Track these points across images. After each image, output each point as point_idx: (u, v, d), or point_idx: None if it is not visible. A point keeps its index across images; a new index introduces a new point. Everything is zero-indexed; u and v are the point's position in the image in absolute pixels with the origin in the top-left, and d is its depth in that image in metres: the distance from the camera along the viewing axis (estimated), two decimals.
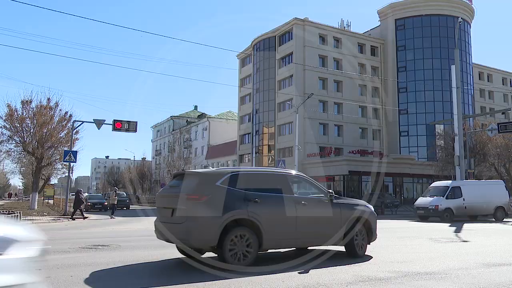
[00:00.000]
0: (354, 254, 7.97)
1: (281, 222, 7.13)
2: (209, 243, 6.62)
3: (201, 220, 6.47)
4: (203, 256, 7.58)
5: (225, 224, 6.55)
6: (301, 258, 7.96)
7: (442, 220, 21.58)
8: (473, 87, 52.26)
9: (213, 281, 5.86)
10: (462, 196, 22.27)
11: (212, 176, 7.00)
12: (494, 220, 22.22)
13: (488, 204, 22.56)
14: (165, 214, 7.17)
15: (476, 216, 22.82)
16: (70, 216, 21.25)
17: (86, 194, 42.27)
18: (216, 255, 7.01)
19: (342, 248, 8.52)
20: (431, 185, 25.17)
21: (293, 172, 8.28)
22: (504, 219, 22.60)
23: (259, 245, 6.84)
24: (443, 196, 22.27)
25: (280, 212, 7.12)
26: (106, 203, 32.79)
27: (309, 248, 8.52)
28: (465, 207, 22.18)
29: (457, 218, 22.59)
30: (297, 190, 8.12)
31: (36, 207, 28.12)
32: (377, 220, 8.94)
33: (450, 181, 24.64)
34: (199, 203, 6.55)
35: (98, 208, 32.91)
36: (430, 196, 23.15)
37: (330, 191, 7.97)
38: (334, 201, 7.84)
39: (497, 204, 22.65)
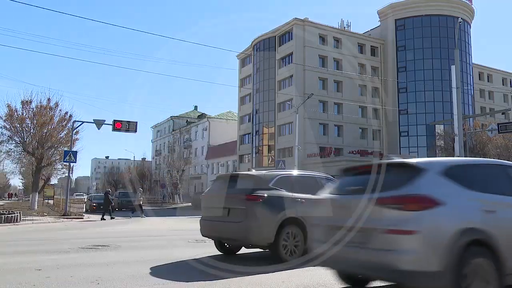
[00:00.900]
0: None
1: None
2: (268, 240, 7.08)
3: (261, 219, 7.02)
4: (205, 256, 7.57)
5: (280, 222, 7.09)
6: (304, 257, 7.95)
7: None
8: (473, 87, 52.22)
9: (214, 281, 5.86)
10: None
11: (265, 179, 7.52)
12: None
13: None
14: (218, 213, 7.55)
15: None
16: (101, 217, 22.36)
17: (91, 194, 42.03)
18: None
19: None
20: None
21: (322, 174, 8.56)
22: None
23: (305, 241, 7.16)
24: None
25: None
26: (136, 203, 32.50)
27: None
28: None
29: None
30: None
31: (36, 207, 28.10)
32: None
33: None
34: (258, 203, 7.07)
35: None
36: None
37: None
38: None
39: None
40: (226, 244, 8.33)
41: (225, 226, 7.40)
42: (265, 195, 7.22)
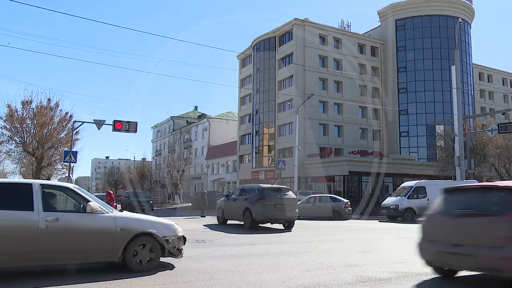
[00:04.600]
0: None
1: None
2: None
3: None
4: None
5: None
6: (305, 255, 7.95)
7: (403, 220, 21.37)
8: (473, 88, 52.18)
9: (214, 280, 5.86)
10: (426, 196, 21.90)
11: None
12: None
13: None
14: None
15: None
16: (200, 215, 24.04)
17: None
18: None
19: (343, 246, 8.47)
20: (401, 185, 24.97)
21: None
22: None
23: None
24: (405, 196, 22.07)
25: None
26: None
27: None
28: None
29: (420, 218, 22.33)
30: None
31: None
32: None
33: (415, 181, 24.32)
34: None
35: None
36: (395, 196, 23.04)
37: None
38: None
39: None
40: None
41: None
42: None
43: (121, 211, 7.26)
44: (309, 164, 42.17)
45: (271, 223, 16.02)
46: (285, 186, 16.71)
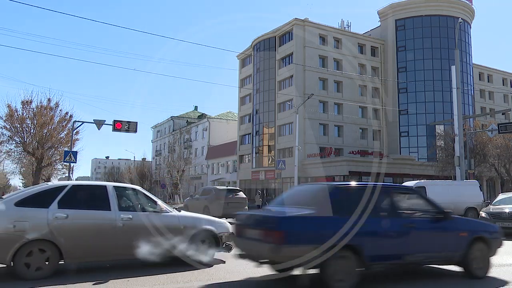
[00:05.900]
0: None
1: None
2: None
3: None
4: None
5: None
6: None
7: None
8: (473, 88, 52.16)
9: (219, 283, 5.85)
10: None
11: None
12: None
13: (457, 205, 21.32)
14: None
15: None
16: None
17: None
18: None
19: None
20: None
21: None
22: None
23: None
24: None
25: None
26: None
27: None
28: None
29: None
30: None
31: None
32: None
33: (415, 181, 24.23)
34: None
35: None
36: None
37: None
38: None
39: (469, 205, 21.77)
40: None
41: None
42: None
43: (179, 211, 7.63)
44: (309, 164, 42.16)
45: (226, 218, 17.67)
46: (237, 188, 20.73)
